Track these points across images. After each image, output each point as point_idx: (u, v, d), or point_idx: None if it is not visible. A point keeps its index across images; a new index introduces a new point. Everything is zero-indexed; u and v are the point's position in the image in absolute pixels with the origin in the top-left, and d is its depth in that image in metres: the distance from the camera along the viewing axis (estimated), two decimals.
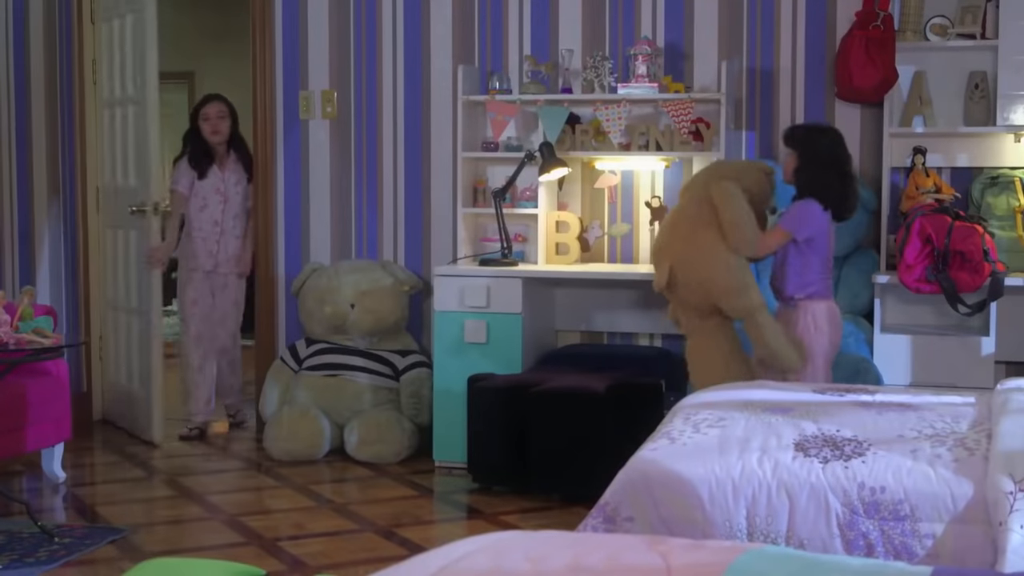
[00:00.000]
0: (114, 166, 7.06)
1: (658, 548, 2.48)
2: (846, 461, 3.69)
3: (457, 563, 2.49)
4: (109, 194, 7.12)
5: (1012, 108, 5.64)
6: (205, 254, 6.96)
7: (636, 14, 6.40)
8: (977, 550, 3.42)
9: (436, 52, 6.72)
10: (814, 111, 6.17)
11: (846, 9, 5.99)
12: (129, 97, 6.87)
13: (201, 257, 6.96)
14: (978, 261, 5.34)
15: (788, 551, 2.64)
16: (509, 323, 6.02)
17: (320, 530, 5.16)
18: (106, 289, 7.21)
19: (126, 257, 6.98)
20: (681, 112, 6.03)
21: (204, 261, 6.96)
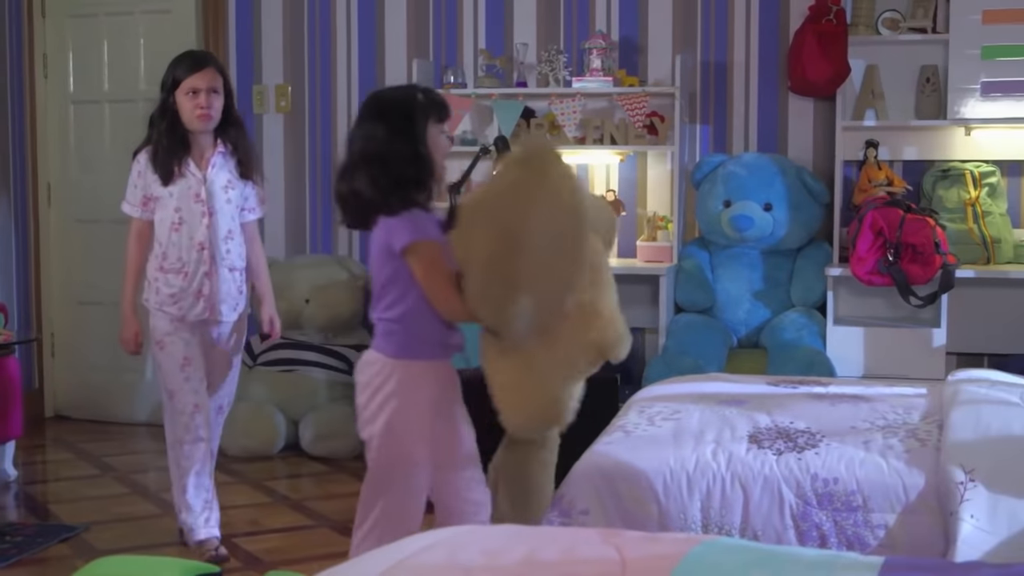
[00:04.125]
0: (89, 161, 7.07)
1: (613, 541, 2.48)
2: (799, 453, 3.71)
3: (413, 558, 2.49)
4: (77, 188, 7.10)
5: (963, 102, 5.69)
6: (190, 297, 4.63)
7: (590, 8, 6.41)
8: (929, 540, 3.45)
9: (390, 46, 6.70)
10: (767, 104, 6.20)
11: (799, 3, 6.02)
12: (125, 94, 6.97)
13: (184, 301, 4.64)
14: (929, 253, 5.39)
15: (742, 543, 2.66)
16: None
17: (276, 526, 5.14)
18: (69, 284, 7.18)
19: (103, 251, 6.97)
20: (635, 106, 6.04)
21: (190, 306, 4.64)
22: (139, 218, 4.65)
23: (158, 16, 6.94)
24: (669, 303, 5.94)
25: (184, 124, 4.57)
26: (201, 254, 4.62)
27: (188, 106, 4.54)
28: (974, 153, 5.88)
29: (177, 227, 4.61)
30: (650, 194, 6.32)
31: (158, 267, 4.64)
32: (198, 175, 4.61)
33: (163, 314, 4.63)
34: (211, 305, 4.66)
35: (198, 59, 4.63)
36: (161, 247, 4.63)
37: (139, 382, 7.04)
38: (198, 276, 4.63)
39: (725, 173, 5.87)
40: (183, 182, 4.58)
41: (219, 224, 4.64)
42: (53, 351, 7.24)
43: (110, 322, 7.08)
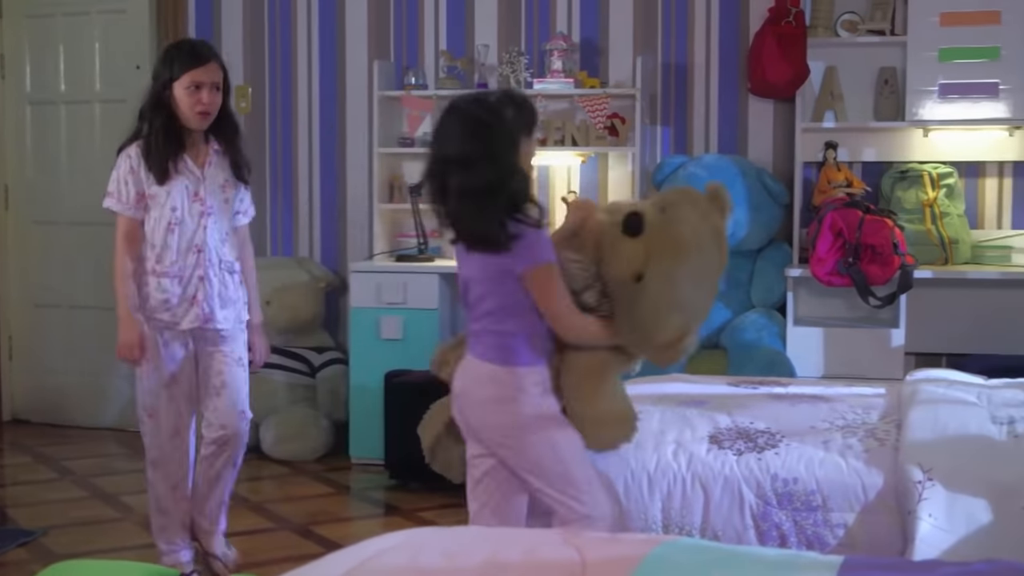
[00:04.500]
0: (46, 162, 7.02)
1: (574, 542, 2.48)
2: (759, 453, 3.73)
3: (373, 560, 2.48)
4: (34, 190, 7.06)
5: (921, 103, 5.72)
6: (184, 302, 4.28)
7: (551, 9, 6.41)
8: (887, 539, 3.47)
9: (351, 47, 6.68)
10: (727, 106, 6.22)
11: (759, 5, 6.05)
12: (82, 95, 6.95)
13: (178, 307, 4.28)
14: (888, 254, 5.42)
15: (702, 543, 2.66)
16: (426, 319, 6.01)
17: (236, 529, 5.11)
18: (26, 286, 7.13)
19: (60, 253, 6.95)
20: (596, 107, 6.05)
21: (183, 313, 4.29)
22: (131, 217, 4.24)
23: (113, 16, 6.89)
24: None
25: (180, 120, 4.21)
26: (197, 257, 4.27)
27: (188, 102, 4.18)
28: (932, 154, 5.92)
29: (173, 227, 4.24)
30: (611, 195, 6.32)
31: (150, 270, 4.25)
32: (196, 173, 4.28)
33: (153, 323, 4.26)
34: (206, 312, 4.29)
35: (201, 51, 4.25)
36: (155, 249, 4.24)
37: (98, 385, 6.99)
38: (193, 280, 4.27)
39: (686, 174, 5.89)
40: (180, 180, 4.23)
41: (217, 225, 4.32)
42: (11, 354, 7.19)
43: (68, 325, 7.05)
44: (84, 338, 7.01)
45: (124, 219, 4.25)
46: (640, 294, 3.40)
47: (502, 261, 3.29)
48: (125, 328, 4.23)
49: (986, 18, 5.62)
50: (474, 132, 3.28)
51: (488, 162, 3.25)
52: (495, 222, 3.25)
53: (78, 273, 7.05)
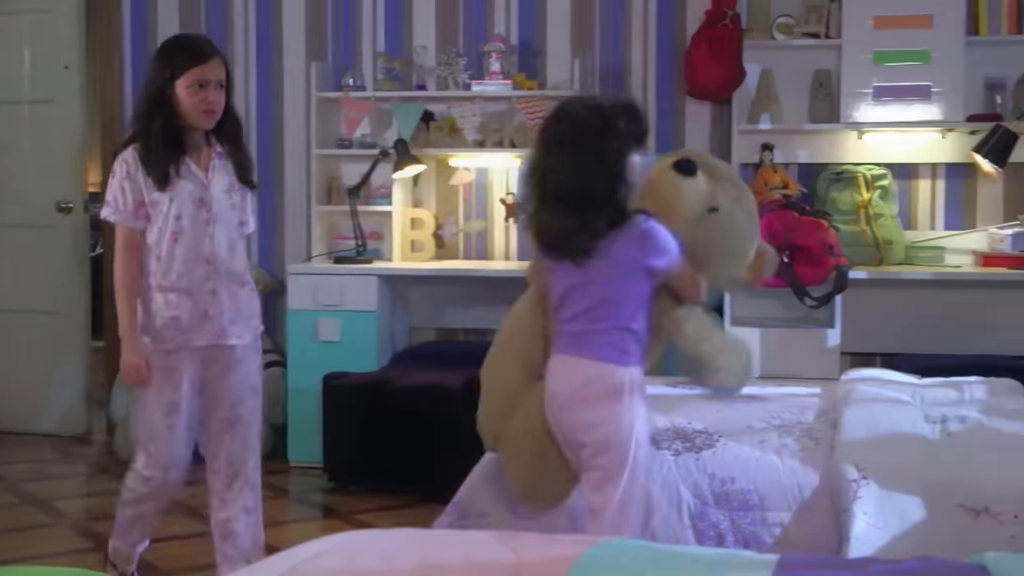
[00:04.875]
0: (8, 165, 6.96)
1: (509, 543, 2.49)
2: (697, 453, 3.75)
3: (309, 563, 2.47)
4: None
5: (855, 106, 5.78)
6: (195, 318, 3.94)
7: (489, 11, 6.41)
8: (823, 537, 3.50)
9: (288, 49, 6.65)
10: (664, 108, 6.25)
11: (695, 8, 6.08)
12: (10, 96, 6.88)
13: (189, 325, 3.94)
14: (823, 255, 5.46)
15: (638, 543, 2.67)
16: (364, 321, 5.99)
17: (172, 533, 5.06)
18: None
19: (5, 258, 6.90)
20: (534, 109, 6.06)
21: (195, 330, 3.94)
22: (132, 227, 3.89)
23: (40, 16, 6.81)
24: None
25: (181, 120, 3.88)
26: (206, 269, 3.92)
27: (192, 100, 3.84)
28: (866, 156, 5.98)
29: (177, 237, 3.89)
30: None
31: (155, 285, 3.90)
32: (200, 177, 3.93)
33: (161, 343, 3.91)
34: (218, 328, 3.95)
35: (203, 48, 3.93)
36: (159, 262, 3.89)
37: (33, 391, 6.90)
38: (204, 295, 3.93)
39: None
40: (183, 185, 3.89)
41: (226, 234, 3.97)
42: None
43: (3, 329, 6.95)
44: (18, 342, 6.92)
45: (123, 229, 3.90)
46: (721, 222, 3.57)
47: (636, 263, 3.31)
48: (129, 348, 3.90)
49: (918, 21, 5.69)
50: (585, 138, 3.25)
51: (596, 170, 3.23)
52: (588, 232, 3.24)
53: (10, 276, 6.95)
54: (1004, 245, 5.72)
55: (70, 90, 6.81)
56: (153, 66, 3.94)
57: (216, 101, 3.87)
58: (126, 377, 3.94)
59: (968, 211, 5.99)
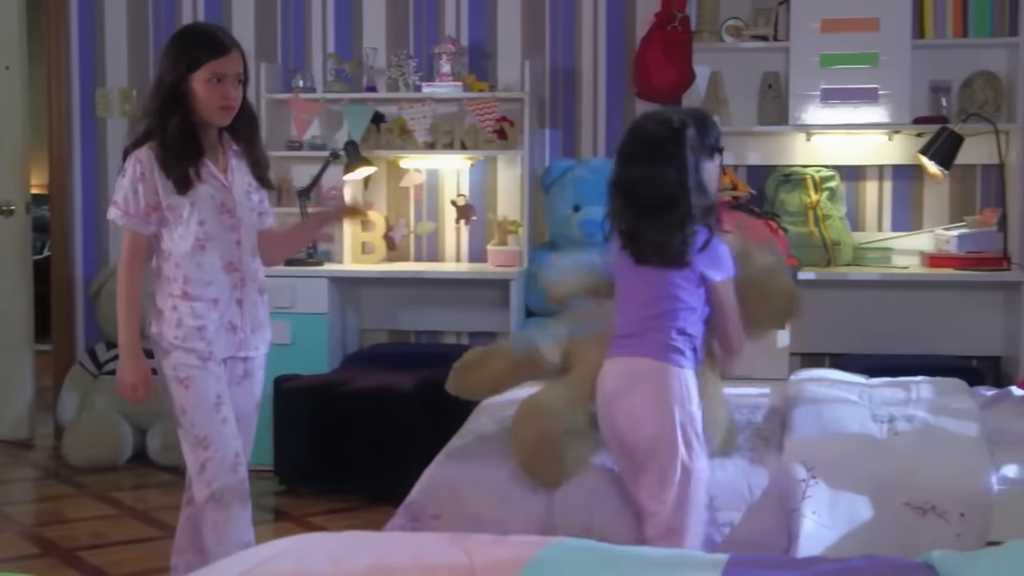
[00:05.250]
0: None
1: (461, 545, 2.49)
2: None
3: (260, 566, 2.47)
4: None
5: (803, 108, 5.82)
6: (221, 329, 3.72)
7: (440, 13, 6.41)
8: (772, 536, 3.52)
9: None
10: (615, 110, 6.27)
11: (645, 10, 6.10)
12: None
13: (215, 335, 3.71)
14: None
15: (589, 544, 2.68)
16: (315, 323, 5.97)
17: (121, 538, 5.04)
18: None
19: None
20: (485, 111, 6.07)
21: (223, 341, 3.73)
22: (141, 232, 3.65)
23: None
24: (519, 307, 5.97)
25: (197, 116, 3.64)
26: (232, 276, 3.71)
27: (210, 96, 3.60)
28: (814, 158, 6.02)
29: (203, 245, 3.65)
30: (500, 199, 6.35)
31: (179, 294, 3.67)
32: (222, 180, 3.70)
33: (186, 350, 3.69)
34: (241, 339, 3.76)
35: (222, 39, 3.68)
36: (180, 269, 3.67)
37: None
38: (231, 303, 3.72)
39: (574, 178, 5.92)
40: (204, 189, 3.64)
41: (250, 240, 3.77)
42: None
43: None
44: None
45: (131, 234, 3.66)
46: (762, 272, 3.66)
47: (697, 271, 3.42)
48: (129, 364, 3.69)
49: (865, 25, 5.74)
50: (657, 150, 3.41)
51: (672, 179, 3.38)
52: (676, 236, 3.38)
53: None
54: (950, 246, 5.78)
55: (11, 91, 6.74)
56: (165, 58, 3.67)
57: (235, 97, 3.65)
58: (122, 393, 3.73)
59: (915, 212, 6.05)
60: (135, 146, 3.64)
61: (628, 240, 3.48)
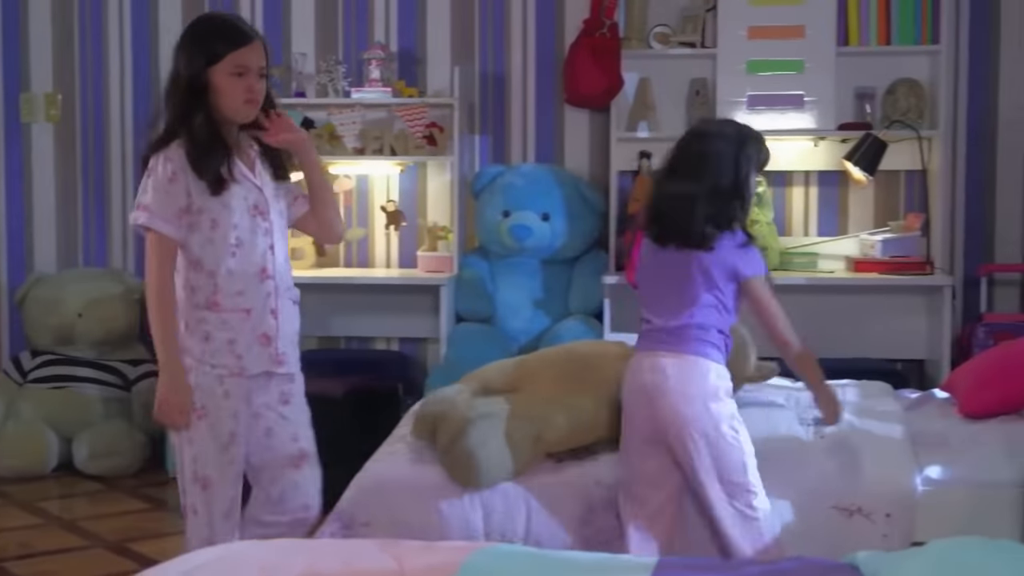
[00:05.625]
0: None
1: (391, 551, 2.49)
2: (581, 460, 3.78)
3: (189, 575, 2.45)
4: None
5: (731, 114, 5.85)
6: (253, 342, 3.47)
7: (369, 18, 6.40)
8: (704, 540, 3.55)
9: (165, 54, 6.54)
10: (544, 116, 6.29)
11: (574, 16, 6.13)
12: None
13: (247, 349, 3.46)
14: None
15: (518, 549, 2.69)
16: None
17: (48, 548, 4.99)
18: None
19: None
20: (415, 117, 6.07)
21: (255, 355, 3.48)
22: (172, 237, 3.37)
23: None
24: (450, 313, 5.98)
25: (218, 113, 3.39)
26: (265, 284, 3.45)
27: (234, 89, 3.36)
28: None
29: (235, 251, 3.40)
30: (430, 205, 6.34)
31: (207, 304, 3.40)
32: (252, 179, 3.46)
33: (210, 369, 3.41)
34: (276, 352, 3.47)
35: (243, 28, 3.47)
36: (212, 278, 3.39)
37: None
38: (265, 315, 3.45)
39: (504, 183, 5.94)
40: (237, 190, 3.41)
41: (282, 244, 3.54)
42: None
43: None
44: None
45: (160, 239, 3.37)
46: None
47: (735, 264, 3.52)
48: (171, 383, 3.37)
49: (791, 32, 5.80)
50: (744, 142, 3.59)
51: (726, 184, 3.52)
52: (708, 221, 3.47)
53: None
54: (875, 251, 5.85)
55: None
56: (181, 51, 3.45)
57: (260, 90, 3.41)
58: (164, 416, 3.39)
59: (840, 218, 6.12)
60: (159, 146, 3.39)
61: (654, 220, 3.56)
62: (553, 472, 3.72)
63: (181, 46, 3.45)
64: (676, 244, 3.52)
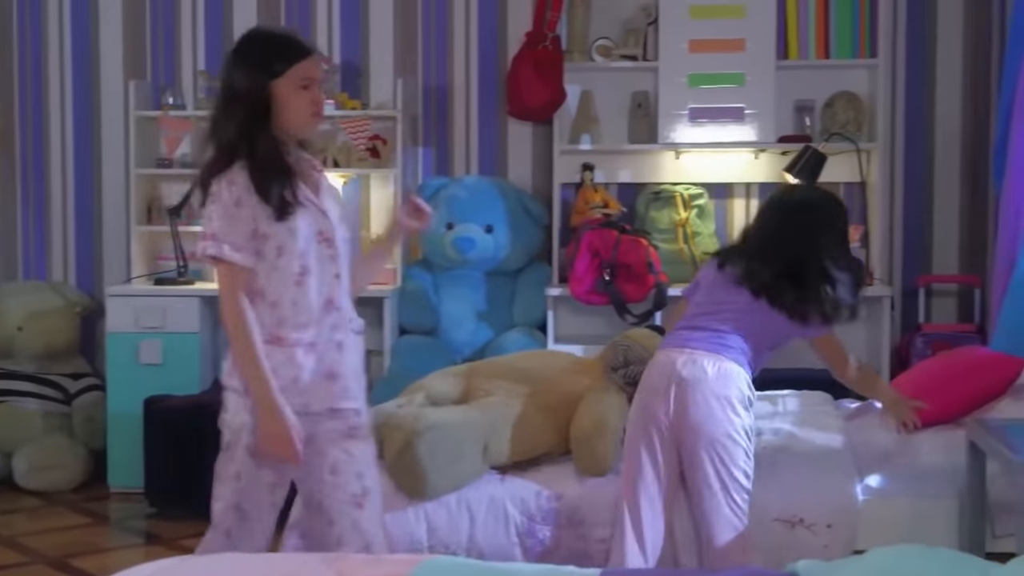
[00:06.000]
0: None
1: (335, 565, 2.49)
2: (523, 471, 3.79)
3: None
4: None
5: (672, 127, 5.91)
6: (318, 379, 3.25)
7: (312, 30, 6.38)
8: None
9: (106, 65, 6.52)
10: (487, 128, 6.30)
11: (516, 29, 6.15)
12: None
13: (310, 385, 3.23)
14: (643, 273, 5.58)
15: (463, 560, 2.70)
16: (186, 343, 5.91)
17: None
18: None
19: None
20: (358, 129, 6.06)
21: (315, 392, 3.24)
22: (244, 266, 3.15)
23: None
24: (393, 325, 5.97)
25: (282, 128, 3.21)
26: (331, 316, 3.23)
27: (300, 104, 3.18)
28: (683, 176, 6.11)
29: (300, 278, 3.19)
30: (373, 217, 6.33)
31: (271, 339, 3.17)
32: (316, 203, 3.23)
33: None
34: (342, 388, 3.26)
35: (303, 41, 3.27)
36: (276, 309, 3.18)
37: None
38: (331, 349, 3.24)
39: (447, 196, 5.95)
40: (303, 215, 3.18)
41: (346, 272, 3.31)
42: None
43: None
44: None
45: (231, 269, 3.14)
46: None
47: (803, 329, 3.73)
48: (268, 415, 3.13)
49: (732, 45, 5.85)
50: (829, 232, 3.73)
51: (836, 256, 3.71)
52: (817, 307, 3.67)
53: None
54: None
55: None
56: (237, 66, 3.23)
57: (323, 103, 3.29)
58: (268, 454, 3.16)
59: None
60: (219, 168, 3.16)
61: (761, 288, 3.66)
62: (497, 483, 3.74)
63: (236, 61, 3.24)
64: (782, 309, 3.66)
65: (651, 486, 3.58)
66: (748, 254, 3.70)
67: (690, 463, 3.54)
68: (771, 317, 3.63)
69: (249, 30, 3.42)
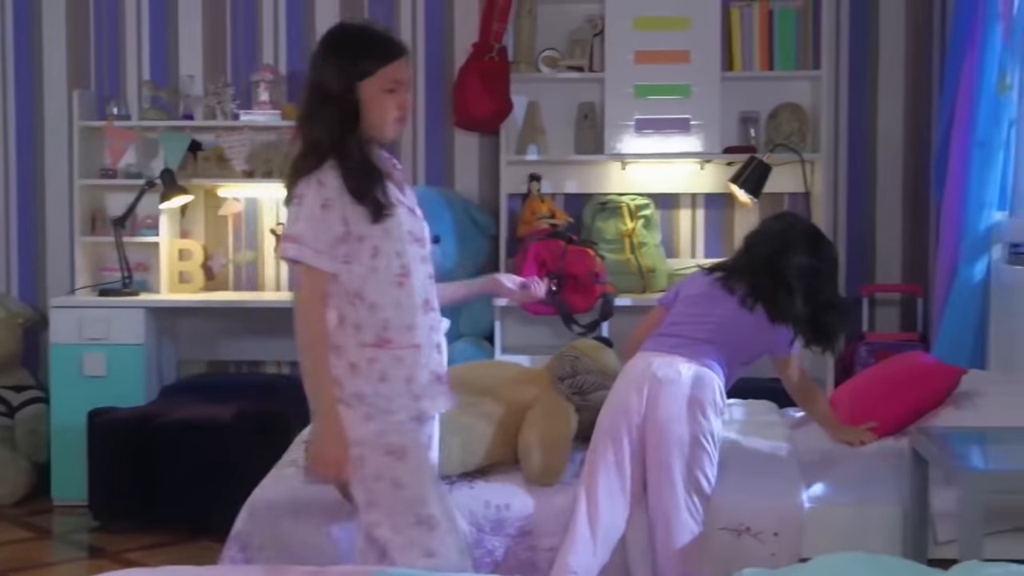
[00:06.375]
0: None
1: None
2: (472, 481, 3.79)
3: None
4: None
5: (619, 137, 5.94)
6: (428, 381, 3.22)
7: (258, 40, 6.37)
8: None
9: (49, 75, 6.46)
10: (434, 139, 6.31)
11: (463, 40, 6.16)
12: None
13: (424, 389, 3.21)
14: (589, 283, 5.60)
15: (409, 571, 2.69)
16: (131, 354, 5.86)
17: None
18: None
19: None
20: None
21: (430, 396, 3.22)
22: (326, 271, 3.09)
23: None
24: None
25: (365, 130, 3.14)
26: (429, 317, 3.18)
27: (385, 106, 3.12)
28: (630, 186, 6.14)
29: (401, 279, 3.14)
30: None
31: (375, 342, 3.11)
32: (408, 204, 3.20)
33: (394, 411, 3.13)
34: (447, 391, 3.22)
35: (396, 40, 3.21)
36: (376, 311, 3.11)
37: None
38: (431, 349, 3.19)
39: None
40: (397, 215, 3.14)
41: (435, 272, 3.30)
42: None
43: None
44: None
45: (313, 273, 3.07)
46: None
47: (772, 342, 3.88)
48: (326, 432, 3.08)
49: (677, 57, 5.89)
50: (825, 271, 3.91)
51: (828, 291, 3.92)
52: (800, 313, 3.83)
53: None
54: None
55: None
56: (327, 64, 3.16)
57: (408, 107, 3.21)
58: (320, 472, 3.10)
59: (726, 239, 6.22)
60: (308, 169, 3.11)
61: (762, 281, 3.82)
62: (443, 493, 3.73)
63: (326, 57, 3.16)
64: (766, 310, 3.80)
65: (613, 480, 3.64)
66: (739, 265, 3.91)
67: (656, 462, 3.58)
68: (750, 331, 3.78)
69: (340, 23, 3.35)
